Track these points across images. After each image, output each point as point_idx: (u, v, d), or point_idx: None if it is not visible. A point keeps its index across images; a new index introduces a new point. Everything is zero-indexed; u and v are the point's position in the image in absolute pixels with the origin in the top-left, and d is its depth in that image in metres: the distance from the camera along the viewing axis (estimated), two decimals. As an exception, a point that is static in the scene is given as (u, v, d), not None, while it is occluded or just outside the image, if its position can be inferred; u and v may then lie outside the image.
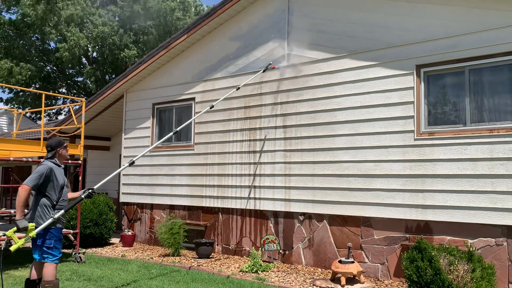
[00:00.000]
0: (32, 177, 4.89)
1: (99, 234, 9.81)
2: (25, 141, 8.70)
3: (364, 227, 7.09)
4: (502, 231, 5.92)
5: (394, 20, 7.00)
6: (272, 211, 8.20)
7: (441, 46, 6.52)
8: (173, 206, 9.80)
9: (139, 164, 10.41)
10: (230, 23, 9.13)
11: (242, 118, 8.75)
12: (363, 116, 7.18)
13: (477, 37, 6.23)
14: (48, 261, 4.95)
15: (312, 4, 7.98)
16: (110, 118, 12.15)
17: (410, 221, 6.64)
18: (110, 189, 12.96)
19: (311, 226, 7.68)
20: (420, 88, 6.72)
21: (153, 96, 10.44)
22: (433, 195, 6.43)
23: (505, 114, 6.08)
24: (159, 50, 9.90)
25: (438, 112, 6.65)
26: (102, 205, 10.00)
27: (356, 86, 7.31)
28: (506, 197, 5.88)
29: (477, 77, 6.33)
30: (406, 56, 6.82)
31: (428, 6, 6.70)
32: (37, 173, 4.94)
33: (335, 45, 7.60)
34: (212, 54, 9.39)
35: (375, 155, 7.01)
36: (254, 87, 8.62)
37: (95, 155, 13.88)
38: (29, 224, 4.61)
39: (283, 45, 8.26)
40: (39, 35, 26.83)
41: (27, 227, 4.59)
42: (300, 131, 7.89)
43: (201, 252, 8.42)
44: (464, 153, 6.23)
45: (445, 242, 6.25)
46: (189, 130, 9.71)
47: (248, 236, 8.52)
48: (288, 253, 7.94)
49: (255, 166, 8.46)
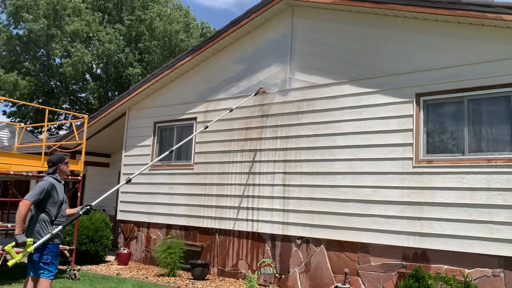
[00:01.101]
0: (34, 193, 4.91)
1: (95, 251, 9.75)
2: (25, 155, 8.74)
3: (361, 253, 7.06)
4: (499, 261, 5.90)
5: (395, 48, 7.14)
6: (269, 234, 8.17)
7: (440, 75, 6.63)
8: (170, 225, 9.77)
9: (138, 182, 10.42)
10: (234, 46, 9.29)
11: (243, 139, 8.81)
12: (362, 142, 7.24)
13: (476, 68, 6.35)
14: (44, 276, 4.92)
15: (314, 30, 8.14)
16: (111, 135, 12.22)
17: (407, 249, 6.63)
18: (108, 206, 12.92)
19: (308, 251, 7.65)
20: (420, 116, 6.80)
21: (155, 114, 10.53)
22: (430, 223, 6.43)
23: (503, 144, 6.14)
24: (163, 70, 10.04)
25: (436, 140, 6.71)
26: (99, 222, 9.96)
27: (356, 111, 7.39)
28: (503, 227, 5.88)
29: (476, 107, 6.42)
30: (406, 84, 6.93)
31: (429, 37, 6.84)
32: (39, 188, 4.96)
33: (336, 71, 7.72)
34: (215, 76, 9.53)
35: (373, 181, 7.04)
36: (255, 109, 8.71)
37: (95, 172, 13.89)
38: (27, 239, 4.60)
39: (285, 69, 8.40)
40: (44, 50, 27.19)
41: (25, 242, 4.57)
42: (300, 154, 7.94)
43: (197, 273, 8.35)
44: (462, 182, 6.26)
45: (442, 271, 6.22)
46: (189, 149, 9.76)
47: (245, 258, 8.47)
48: (284, 277, 7.88)
49: (254, 187, 8.47)
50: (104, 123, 11.57)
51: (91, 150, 12.74)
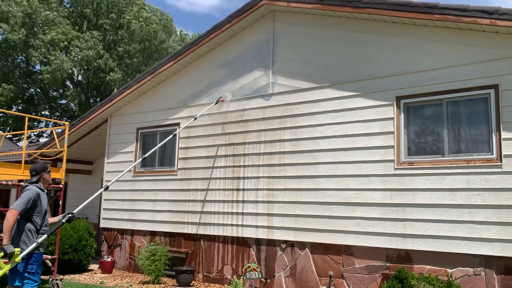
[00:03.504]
0: (21, 202, 4.88)
1: (78, 260, 9.60)
2: (5, 163, 8.58)
3: (345, 256, 7.12)
4: (480, 260, 6.02)
5: (375, 52, 7.24)
6: (254, 239, 8.17)
7: (420, 78, 6.75)
8: (155, 232, 9.69)
9: (121, 189, 10.31)
10: (217, 51, 9.30)
11: (227, 144, 8.81)
12: (345, 145, 7.32)
13: (454, 71, 6.48)
14: (29, 286, 4.90)
15: (296, 35, 8.20)
16: (93, 142, 12.08)
17: (390, 250, 6.70)
18: (91, 214, 12.75)
19: (293, 254, 7.67)
20: (400, 119, 6.90)
21: (137, 120, 10.45)
22: (413, 224, 6.52)
23: (481, 145, 6.27)
24: (145, 75, 9.98)
25: (417, 142, 6.82)
26: (82, 231, 9.82)
27: (338, 115, 7.47)
28: (482, 227, 6.00)
29: (455, 109, 6.55)
30: (386, 88, 7.03)
31: (408, 40, 6.96)
32: (25, 198, 4.93)
33: (318, 75, 7.79)
34: (198, 81, 9.51)
35: (356, 183, 7.11)
36: (238, 114, 8.72)
37: (77, 179, 13.69)
38: (15, 249, 4.62)
39: (268, 74, 8.43)
40: (23, 57, 26.76)
41: (14, 252, 4.59)
42: (284, 158, 7.98)
43: (182, 280, 8.29)
44: (443, 183, 6.37)
45: (425, 271, 6.31)
46: (172, 155, 9.70)
47: (230, 264, 8.44)
48: (270, 281, 7.88)
49: (238, 192, 8.47)
50: (86, 130, 11.43)
51: (73, 157, 12.56)
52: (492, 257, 5.94)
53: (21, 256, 4.65)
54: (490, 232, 5.94)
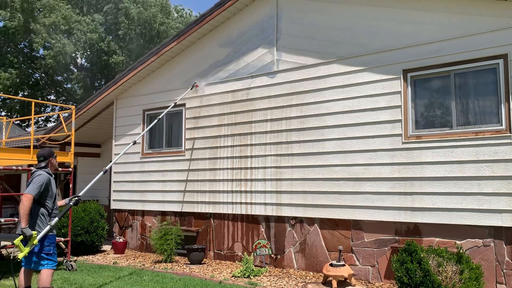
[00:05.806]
0: (34, 187, 5.03)
1: (90, 242, 9.77)
2: (14, 149, 8.65)
3: (354, 230, 7.17)
4: (489, 231, 6.04)
5: (381, 26, 7.12)
6: (263, 216, 8.25)
7: (426, 51, 6.65)
8: (165, 212, 9.80)
9: (130, 171, 10.40)
10: (220, 30, 9.20)
11: (233, 124, 8.80)
12: (352, 121, 7.28)
13: (461, 42, 6.37)
14: (48, 267, 5.12)
15: (300, 10, 8.08)
16: (100, 125, 12.11)
17: (399, 224, 6.74)
18: (102, 196, 12.91)
19: (302, 230, 7.74)
20: (407, 92, 6.83)
21: (143, 102, 10.45)
22: (421, 198, 6.53)
23: (490, 116, 6.21)
24: (149, 56, 9.92)
25: (425, 115, 6.77)
26: (93, 213, 9.96)
27: (345, 91, 7.41)
28: (491, 198, 6.00)
29: (462, 81, 6.47)
30: (393, 61, 6.94)
31: (413, 12, 6.83)
32: (38, 183, 5.08)
33: (323, 51, 7.70)
34: (202, 61, 9.44)
35: (364, 158, 7.10)
36: (244, 93, 8.68)
37: (86, 162, 13.81)
38: (33, 232, 4.83)
39: (272, 51, 8.35)
40: (26, 43, 26.68)
41: (32, 235, 4.80)
42: (291, 135, 7.96)
43: (193, 258, 8.43)
44: (451, 155, 6.34)
45: (434, 244, 6.35)
46: (179, 136, 9.73)
47: (240, 241, 8.55)
48: (280, 257, 7.98)
49: (246, 171, 8.51)
50: (93, 113, 11.46)
51: (81, 140, 12.65)
52: (502, 228, 5.95)
53: (38, 237, 4.88)
54: (499, 203, 5.94)
